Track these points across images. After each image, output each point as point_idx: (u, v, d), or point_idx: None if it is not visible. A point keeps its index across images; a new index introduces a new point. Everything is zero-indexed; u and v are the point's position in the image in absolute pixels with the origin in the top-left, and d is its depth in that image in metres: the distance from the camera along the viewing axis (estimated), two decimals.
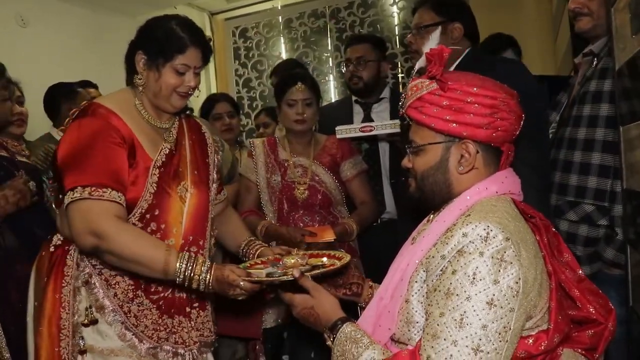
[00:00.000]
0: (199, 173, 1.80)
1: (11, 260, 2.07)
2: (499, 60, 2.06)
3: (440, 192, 1.28)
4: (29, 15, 3.94)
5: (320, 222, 2.48)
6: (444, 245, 1.15)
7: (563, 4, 3.65)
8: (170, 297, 1.70)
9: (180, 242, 1.70)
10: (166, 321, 1.68)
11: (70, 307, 1.63)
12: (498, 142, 1.25)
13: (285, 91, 2.50)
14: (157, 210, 1.65)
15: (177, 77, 1.65)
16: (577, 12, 1.99)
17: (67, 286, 1.65)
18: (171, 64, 1.64)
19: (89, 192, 1.51)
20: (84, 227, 1.51)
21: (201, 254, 1.73)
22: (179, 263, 1.52)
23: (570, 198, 1.93)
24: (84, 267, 1.65)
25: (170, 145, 1.73)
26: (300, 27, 5.37)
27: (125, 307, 1.63)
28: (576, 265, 1.29)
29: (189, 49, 1.64)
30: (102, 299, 1.63)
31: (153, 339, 1.65)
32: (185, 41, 1.64)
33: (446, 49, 1.24)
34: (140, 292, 1.66)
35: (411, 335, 1.20)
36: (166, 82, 1.65)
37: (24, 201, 2.10)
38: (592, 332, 1.25)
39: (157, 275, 1.55)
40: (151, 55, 1.64)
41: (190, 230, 1.73)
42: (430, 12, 2.12)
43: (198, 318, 1.76)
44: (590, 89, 1.93)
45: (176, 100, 1.69)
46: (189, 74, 1.67)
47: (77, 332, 1.62)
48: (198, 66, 1.69)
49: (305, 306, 1.37)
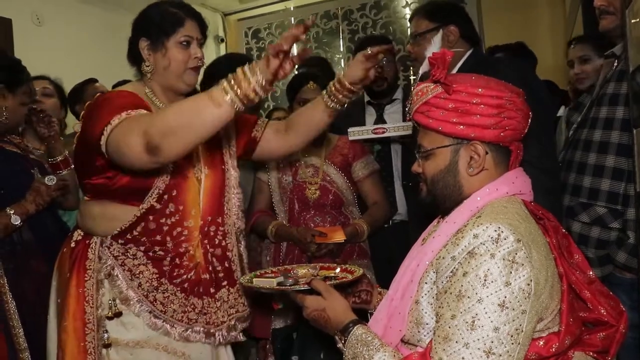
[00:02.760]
0: (211, 153, 1.82)
1: (28, 255, 2.11)
2: (502, 61, 2.06)
3: (451, 195, 1.28)
4: (44, 14, 3.98)
5: (331, 223, 2.48)
6: (455, 246, 1.15)
7: (576, 6, 3.63)
8: (194, 278, 1.70)
9: (200, 223, 1.72)
10: (193, 302, 1.69)
11: (94, 301, 1.63)
12: (506, 141, 1.25)
13: (297, 90, 2.51)
14: (175, 191, 1.67)
15: (183, 51, 1.68)
16: (602, 10, 1.96)
17: (90, 280, 1.65)
18: (174, 39, 1.67)
19: (126, 114, 1.50)
20: (126, 135, 1.44)
21: (221, 232, 1.76)
22: (224, 87, 1.36)
23: (583, 200, 1.93)
24: (105, 259, 1.65)
25: None
26: (313, 28, 5.38)
27: (150, 296, 1.64)
28: (586, 266, 1.28)
29: (186, 21, 1.69)
30: (126, 290, 1.63)
31: (183, 321, 1.66)
32: (181, 15, 1.69)
33: (448, 52, 1.23)
34: (165, 279, 1.66)
35: (421, 337, 1.20)
36: (175, 58, 1.68)
37: (40, 198, 2.13)
38: (604, 334, 1.24)
39: (217, 119, 1.38)
40: (153, 37, 1.68)
41: (208, 211, 1.75)
42: (424, 19, 2.13)
43: (230, 295, 1.77)
44: (608, 91, 1.93)
45: (189, 76, 1.72)
46: (193, 46, 1.70)
47: (100, 326, 1.63)
48: (199, 37, 1.73)
49: (316, 308, 1.37)
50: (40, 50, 3.83)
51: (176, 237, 1.68)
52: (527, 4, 4.58)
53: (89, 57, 4.19)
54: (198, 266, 1.71)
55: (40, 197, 2.13)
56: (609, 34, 2.00)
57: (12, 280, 2.04)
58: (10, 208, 2.07)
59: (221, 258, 1.77)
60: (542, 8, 4.62)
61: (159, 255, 1.66)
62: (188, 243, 1.69)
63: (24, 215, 2.09)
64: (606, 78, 2.00)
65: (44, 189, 2.14)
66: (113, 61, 4.16)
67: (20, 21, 3.79)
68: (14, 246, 2.10)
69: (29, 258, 2.11)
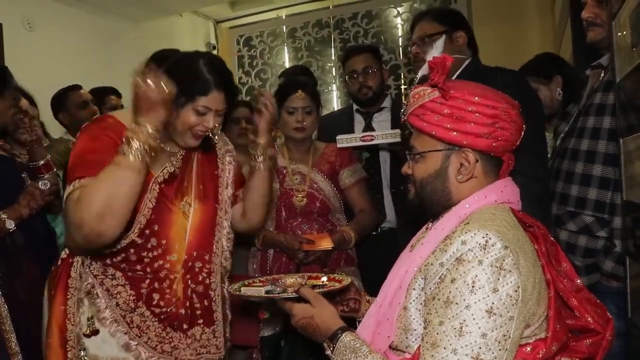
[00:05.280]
0: (204, 187, 1.78)
1: (20, 259, 2.10)
2: (499, 71, 2.08)
3: (439, 200, 1.28)
4: (35, 19, 3.97)
5: (318, 230, 2.47)
6: (443, 252, 1.15)
7: (566, 17, 3.67)
8: (174, 312, 1.68)
9: (184, 257, 1.70)
10: (172, 335, 1.67)
11: (75, 319, 1.63)
12: (498, 151, 1.25)
13: (285, 98, 2.49)
14: (157, 226, 1.64)
15: (196, 117, 1.62)
16: (590, 22, 1.98)
17: (72, 298, 1.64)
18: (192, 105, 1.61)
19: (79, 185, 1.47)
20: (74, 228, 1.45)
21: (206, 269, 1.74)
22: (126, 154, 1.41)
23: (570, 208, 1.94)
24: (86, 277, 1.64)
25: (175, 167, 1.71)
26: (304, 36, 5.41)
27: (127, 318, 1.62)
28: (574, 274, 1.29)
29: (212, 92, 1.61)
30: (104, 309, 1.62)
31: (157, 350, 1.64)
32: (210, 83, 1.60)
33: (449, 58, 1.24)
34: (142, 303, 1.64)
35: (409, 343, 1.20)
36: (184, 121, 1.62)
37: (34, 202, 2.11)
38: (590, 341, 1.25)
39: (132, 176, 1.43)
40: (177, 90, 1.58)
41: (194, 246, 1.72)
42: (433, 22, 2.14)
43: (203, 335, 1.74)
44: (594, 101, 1.95)
45: (190, 139, 1.66)
46: (209, 115, 1.63)
47: (79, 344, 1.62)
48: (220, 109, 1.65)
49: (304, 315, 1.36)
50: (31, 55, 3.82)
51: (158, 269, 1.66)
52: (517, 15, 4.63)
53: (79, 62, 4.18)
54: (177, 300, 1.69)
55: (34, 202, 2.12)
56: (597, 45, 2.02)
57: (4, 284, 2.02)
58: (4, 212, 2.05)
59: (202, 295, 1.74)
60: (532, 19, 4.67)
61: (138, 276, 1.64)
62: (170, 274, 1.68)
63: (18, 219, 2.07)
64: (593, 88, 2.02)
65: (38, 193, 2.13)
66: (104, 66, 4.18)
67: (11, 26, 3.78)
68: (6, 249, 2.08)
69: (21, 262, 2.10)
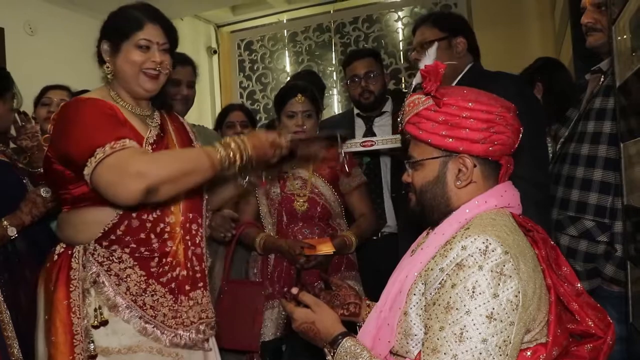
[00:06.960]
0: None
1: (22, 265, 2.09)
2: (501, 75, 2.09)
3: (439, 206, 1.29)
4: (37, 23, 3.96)
5: (319, 235, 2.47)
6: (443, 258, 1.15)
7: (566, 22, 3.67)
8: (178, 275, 1.67)
9: (181, 219, 1.70)
10: (183, 304, 1.67)
11: (80, 312, 1.59)
12: (496, 156, 1.25)
13: (285, 102, 2.48)
14: None
15: (140, 54, 1.66)
16: (589, 27, 1.99)
17: (76, 290, 1.61)
18: (132, 42, 1.65)
19: (110, 148, 1.49)
20: (123, 176, 1.47)
21: (200, 234, 1.76)
22: (219, 154, 1.58)
23: (571, 213, 1.94)
24: (90, 266, 1.61)
25: (157, 129, 1.73)
26: (305, 41, 5.41)
27: (139, 301, 1.60)
28: (574, 278, 1.28)
29: (146, 25, 1.66)
30: (114, 297, 1.59)
31: (172, 327, 1.63)
32: (142, 18, 1.66)
33: (441, 65, 1.24)
34: (152, 280, 1.63)
35: (409, 348, 1.20)
36: (130, 60, 1.65)
37: (36, 209, 2.10)
38: (591, 346, 1.24)
39: (208, 174, 1.58)
40: (112, 39, 1.67)
41: (188, 208, 1.73)
42: (433, 28, 2.14)
43: (203, 298, 1.74)
44: (594, 106, 1.95)
45: (144, 81, 1.68)
46: (153, 50, 1.67)
47: (87, 337, 1.58)
48: (162, 42, 1.68)
49: (305, 320, 1.37)
50: (32, 59, 3.81)
51: (160, 234, 1.65)
52: (518, 19, 4.63)
53: (81, 66, 4.16)
54: (179, 263, 1.68)
55: (36, 209, 2.10)
56: (597, 50, 2.02)
57: (7, 290, 2.01)
58: (6, 219, 2.03)
59: (199, 258, 1.75)
60: (532, 23, 4.67)
61: (146, 256, 1.63)
62: (172, 241, 1.67)
63: (20, 226, 2.05)
64: (593, 93, 2.02)
65: (40, 201, 2.11)
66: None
67: (13, 30, 3.77)
68: (8, 256, 2.07)
69: (23, 268, 2.08)
